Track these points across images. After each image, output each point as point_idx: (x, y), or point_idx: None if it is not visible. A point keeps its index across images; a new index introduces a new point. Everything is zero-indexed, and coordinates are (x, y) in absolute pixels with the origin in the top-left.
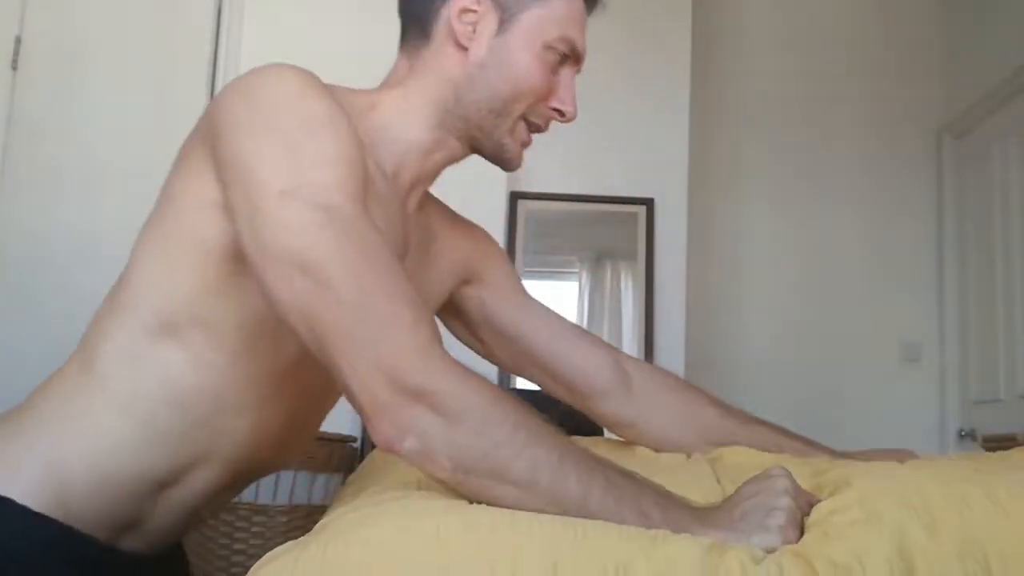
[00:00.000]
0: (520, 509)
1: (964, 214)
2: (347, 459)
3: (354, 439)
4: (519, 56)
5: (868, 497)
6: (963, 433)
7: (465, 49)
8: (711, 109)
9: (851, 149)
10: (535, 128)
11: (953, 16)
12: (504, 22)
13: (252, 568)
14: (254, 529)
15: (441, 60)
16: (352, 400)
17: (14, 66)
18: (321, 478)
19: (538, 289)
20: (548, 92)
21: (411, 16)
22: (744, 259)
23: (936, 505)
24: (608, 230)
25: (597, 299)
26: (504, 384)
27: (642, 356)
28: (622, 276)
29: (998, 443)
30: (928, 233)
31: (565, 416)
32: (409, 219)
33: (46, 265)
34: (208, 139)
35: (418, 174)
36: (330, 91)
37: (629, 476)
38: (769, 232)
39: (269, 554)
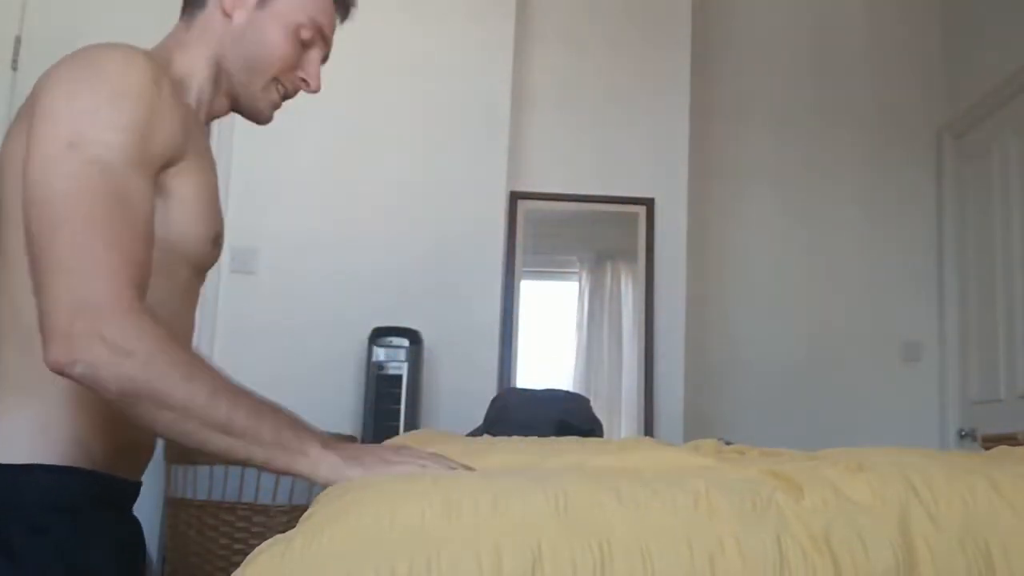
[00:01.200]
0: (177, 429)
1: (964, 213)
2: None
3: (354, 439)
4: (272, 30)
5: (876, 480)
6: (963, 433)
7: (230, 16)
8: (711, 109)
9: (851, 149)
10: (284, 93)
11: (953, 16)
12: (264, 1)
13: (242, 564)
14: (254, 529)
15: (212, 23)
16: (40, 321)
17: (14, 66)
18: None
19: (538, 289)
20: (295, 64)
21: None
22: (744, 259)
23: (941, 493)
24: (608, 230)
25: (597, 299)
26: (505, 383)
27: (642, 356)
28: (622, 276)
29: (998, 443)
30: (928, 233)
31: (565, 414)
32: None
33: None
34: (30, 102)
35: (209, 113)
36: (153, 63)
37: (272, 407)
38: (769, 232)
39: (257, 548)
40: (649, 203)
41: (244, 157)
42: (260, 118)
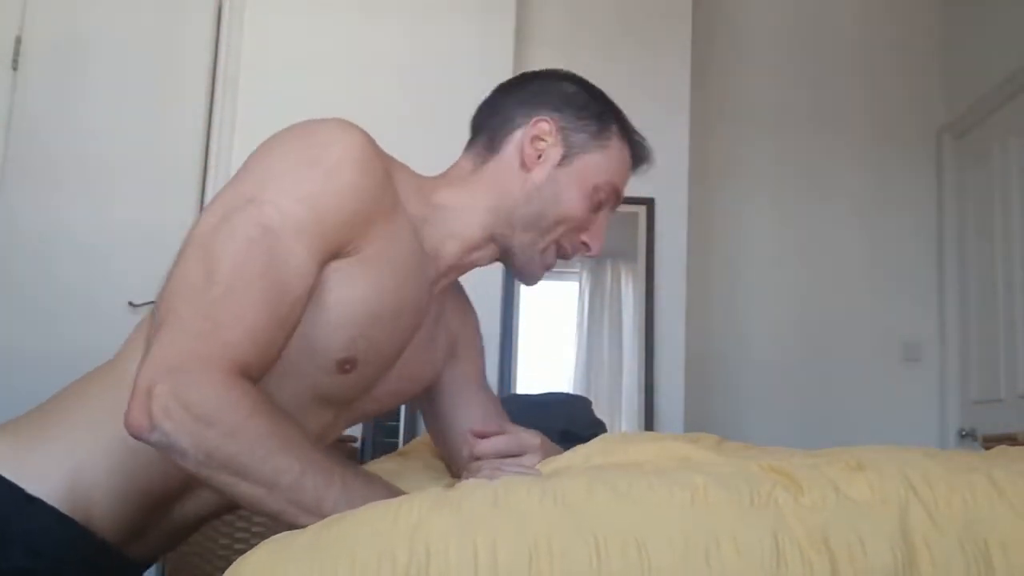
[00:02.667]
0: (262, 506)
1: (964, 213)
2: (347, 459)
3: (354, 439)
4: (571, 189)
5: (876, 478)
6: (963, 433)
7: (528, 170)
8: (711, 109)
9: (851, 149)
10: (563, 253)
11: (953, 16)
12: (567, 157)
13: (247, 552)
14: (255, 529)
15: (505, 173)
16: (135, 373)
17: (14, 66)
18: None
19: (538, 289)
20: (584, 226)
21: (484, 127)
22: (744, 259)
23: (941, 491)
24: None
25: (597, 299)
26: (505, 383)
27: (642, 356)
28: (622, 276)
29: (998, 443)
30: (928, 233)
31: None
32: (433, 297)
33: (46, 264)
34: None
35: (455, 264)
36: (380, 159)
37: (365, 479)
38: (769, 232)
39: (264, 542)
40: (649, 203)
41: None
42: (530, 279)
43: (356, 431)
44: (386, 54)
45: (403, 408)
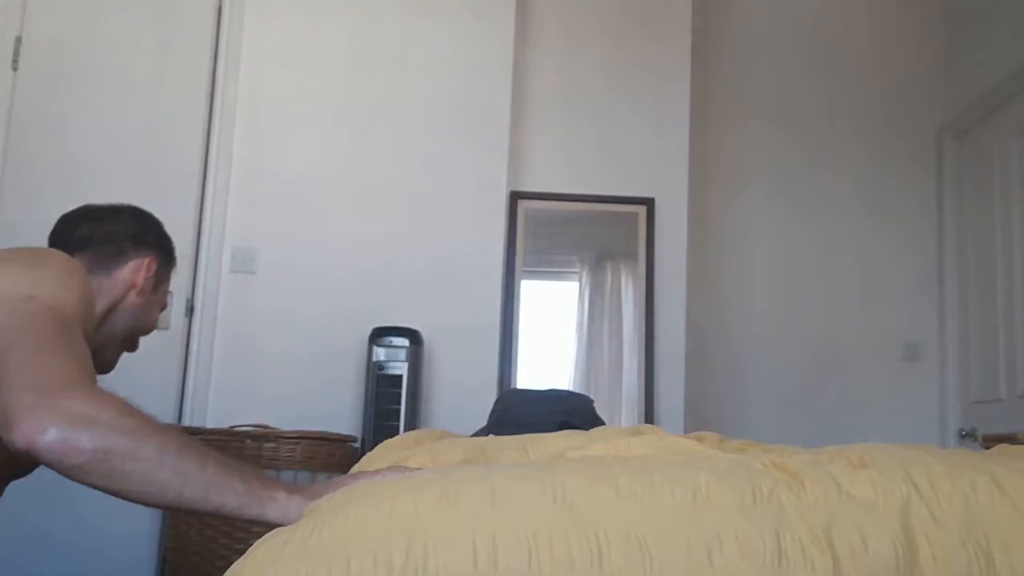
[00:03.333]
0: (151, 480)
1: (964, 214)
2: (347, 459)
3: (354, 439)
4: (151, 312)
5: (878, 476)
6: (963, 433)
7: (133, 289)
8: (711, 109)
9: (852, 149)
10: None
11: (953, 16)
12: (154, 288)
13: (246, 552)
14: (255, 529)
15: (121, 291)
16: (3, 411)
17: (14, 66)
18: (321, 478)
19: (538, 289)
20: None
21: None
22: (744, 259)
23: (943, 489)
24: (608, 230)
25: (597, 299)
26: (505, 383)
27: (642, 356)
28: (622, 276)
29: (999, 443)
30: (929, 233)
31: (567, 415)
32: None
33: None
34: None
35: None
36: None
37: (237, 462)
38: (769, 232)
39: (260, 539)
40: (649, 203)
41: (244, 157)
42: (106, 362)
43: (356, 431)
44: (386, 54)
45: (403, 408)
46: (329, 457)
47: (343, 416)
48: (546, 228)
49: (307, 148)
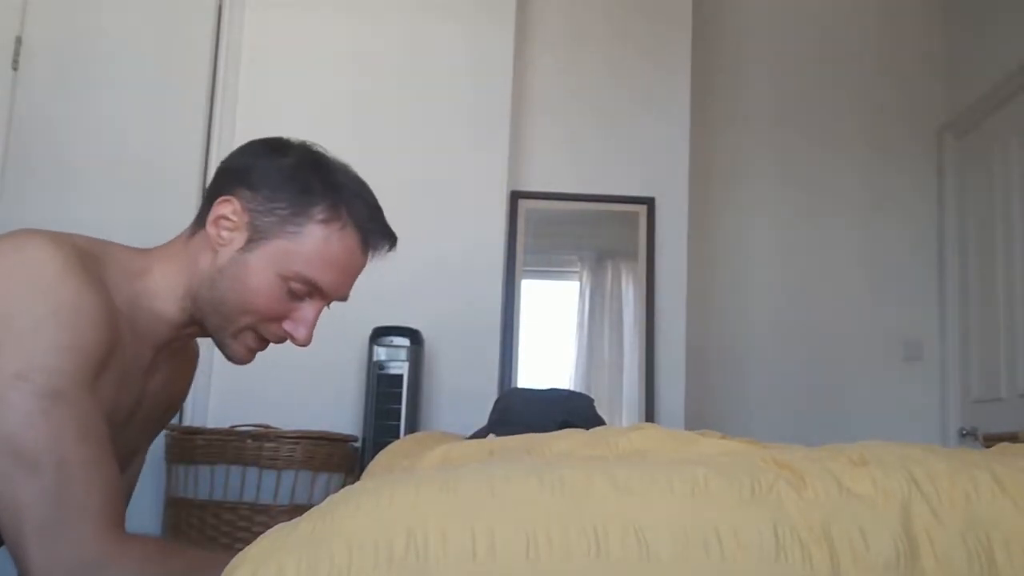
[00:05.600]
0: None
1: (965, 213)
2: (348, 459)
3: (355, 439)
4: (254, 277)
5: (879, 473)
6: (964, 432)
7: (215, 251)
8: (712, 108)
9: (852, 148)
10: (265, 340)
11: (953, 16)
12: (252, 241)
13: (248, 545)
14: (255, 529)
15: (201, 252)
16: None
17: (14, 66)
18: (322, 478)
19: (538, 289)
20: (280, 315)
21: (205, 197)
22: (745, 258)
23: (944, 487)
24: (609, 230)
25: (598, 299)
26: (506, 382)
27: (643, 355)
28: (623, 276)
29: (999, 442)
30: (929, 232)
31: (570, 415)
32: (153, 370)
33: None
34: None
35: (167, 341)
36: (90, 264)
37: None
38: (770, 231)
39: (262, 535)
40: (650, 202)
41: None
42: (232, 359)
43: (357, 431)
44: (386, 54)
45: (404, 408)
46: (329, 457)
47: (343, 416)
48: (546, 227)
49: None
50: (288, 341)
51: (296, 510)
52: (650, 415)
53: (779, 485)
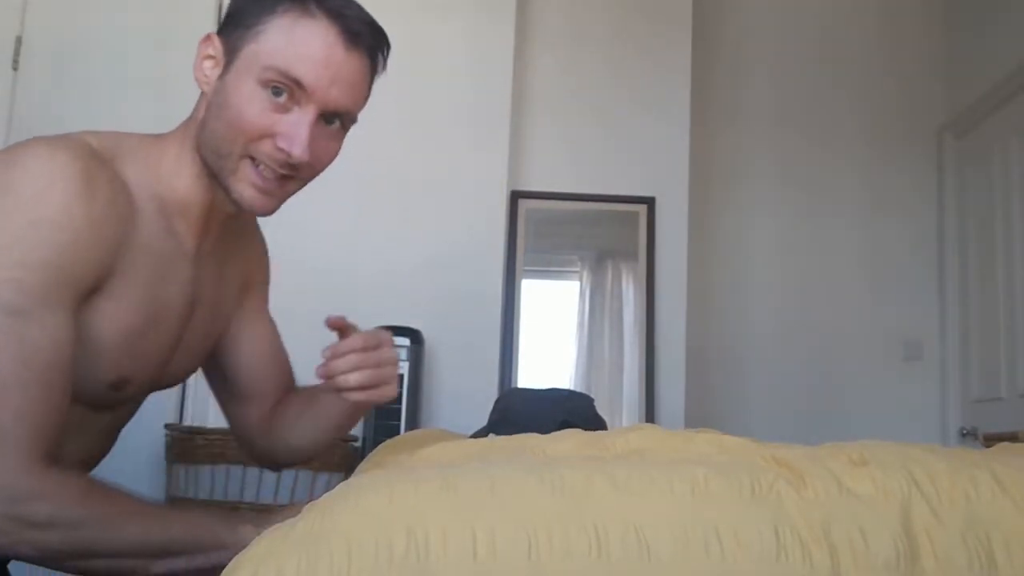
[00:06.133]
0: (116, 569)
1: (965, 212)
2: (348, 458)
3: (355, 438)
4: (233, 93)
5: (879, 473)
6: (964, 432)
7: (204, 92)
8: (712, 108)
9: (852, 148)
10: (266, 171)
11: (953, 15)
12: (227, 64)
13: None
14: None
15: (198, 108)
16: None
17: (15, 66)
18: (322, 477)
19: (538, 288)
20: (270, 129)
21: None
22: (745, 258)
23: (944, 486)
24: (609, 229)
25: (598, 298)
26: (506, 382)
27: (643, 355)
28: (623, 275)
29: (999, 442)
30: (929, 231)
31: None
32: (202, 264)
33: None
34: None
35: (204, 227)
36: (103, 164)
37: (203, 510)
38: (770, 231)
39: (264, 534)
40: (650, 202)
41: None
42: (244, 207)
43: (357, 431)
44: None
45: (404, 408)
46: (329, 456)
47: None
48: (547, 227)
49: None
50: (283, 164)
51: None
52: (650, 415)
53: (779, 485)
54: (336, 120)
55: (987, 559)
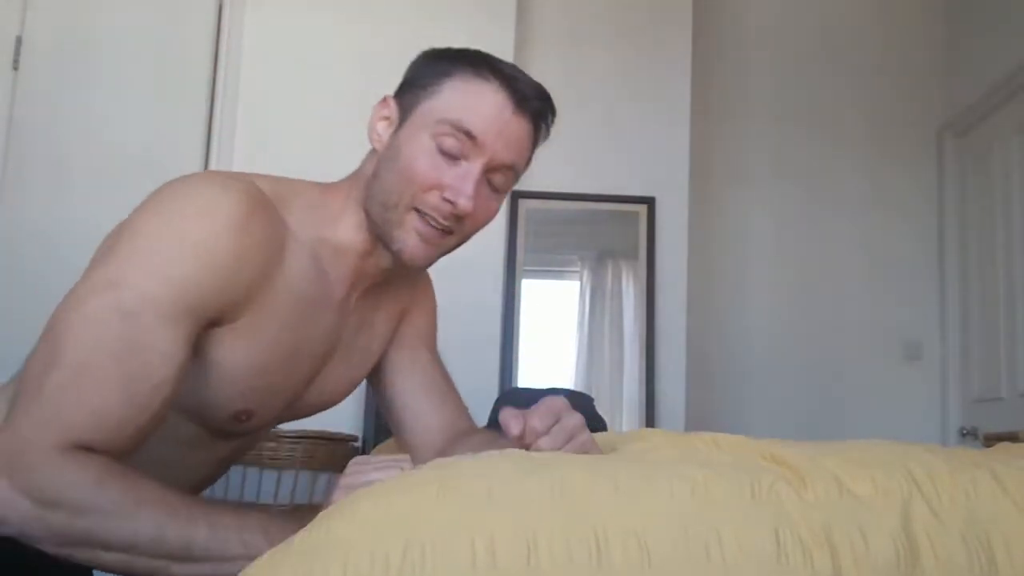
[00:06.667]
0: (131, 569)
1: (965, 212)
2: (348, 458)
3: (355, 438)
4: (406, 147)
5: (879, 473)
6: (964, 432)
7: (376, 150)
8: (712, 108)
9: (852, 148)
10: (432, 221)
11: (953, 15)
12: (401, 121)
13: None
14: None
15: (368, 162)
16: None
17: (15, 66)
18: (323, 477)
19: (539, 288)
20: (438, 182)
21: None
22: (745, 258)
23: (944, 486)
24: (609, 229)
25: (598, 298)
26: (506, 382)
27: (643, 355)
28: (623, 275)
29: (1000, 441)
30: (929, 231)
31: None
32: (347, 312)
33: (47, 265)
34: None
35: (356, 276)
36: (267, 205)
37: (234, 513)
38: (770, 231)
39: (267, 553)
40: (650, 202)
41: (245, 158)
42: (404, 258)
43: (357, 430)
44: (386, 54)
45: None
46: (330, 456)
47: (344, 415)
48: (547, 227)
49: (307, 148)
50: (448, 217)
51: (297, 510)
52: (650, 415)
53: (779, 486)
54: (498, 178)
55: (987, 559)
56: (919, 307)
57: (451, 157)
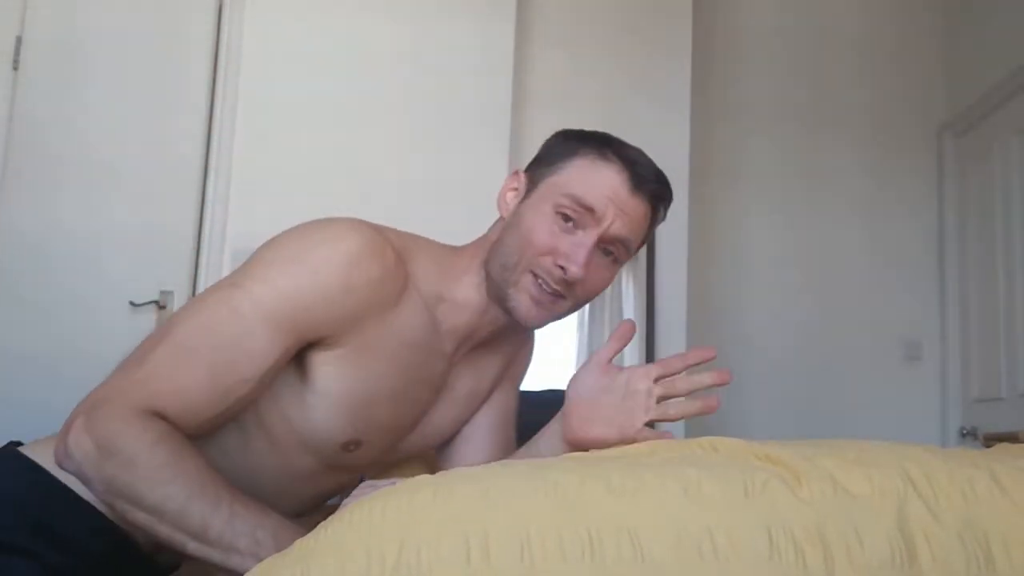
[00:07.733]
0: (154, 531)
1: (965, 212)
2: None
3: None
4: (528, 215)
5: (875, 472)
6: (964, 432)
7: (504, 218)
8: (712, 108)
9: (852, 147)
10: (544, 284)
11: (954, 14)
12: (529, 191)
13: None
14: None
15: (494, 230)
16: None
17: (15, 66)
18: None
19: None
20: (554, 248)
21: None
22: (745, 258)
23: (941, 486)
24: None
25: (598, 298)
26: None
27: (643, 355)
28: (623, 275)
29: (999, 442)
30: (929, 231)
31: None
32: (455, 363)
33: (46, 265)
34: None
35: (469, 331)
36: (394, 255)
37: (257, 510)
38: (770, 231)
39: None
40: None
41: (245, 158)
42: (518, 315)
43: None
44: (386, 54)
45: None
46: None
47: None
48: None
49: (308, 148)
50: (558, 281)
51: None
52: None
53: (773, 484)
54: (612, 252)
55: (985, 559)
56: (919, 307)
57: (569, 227)
